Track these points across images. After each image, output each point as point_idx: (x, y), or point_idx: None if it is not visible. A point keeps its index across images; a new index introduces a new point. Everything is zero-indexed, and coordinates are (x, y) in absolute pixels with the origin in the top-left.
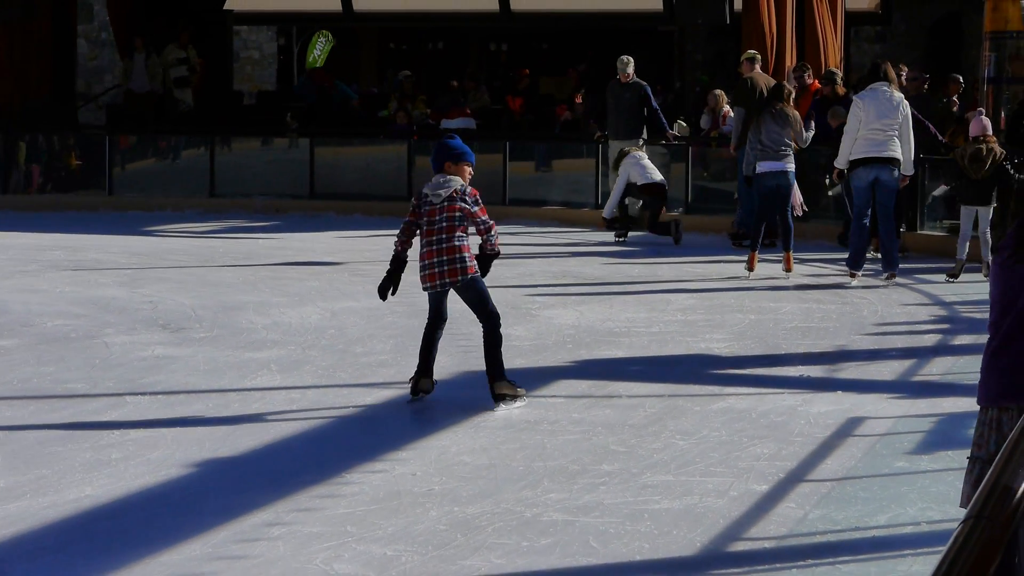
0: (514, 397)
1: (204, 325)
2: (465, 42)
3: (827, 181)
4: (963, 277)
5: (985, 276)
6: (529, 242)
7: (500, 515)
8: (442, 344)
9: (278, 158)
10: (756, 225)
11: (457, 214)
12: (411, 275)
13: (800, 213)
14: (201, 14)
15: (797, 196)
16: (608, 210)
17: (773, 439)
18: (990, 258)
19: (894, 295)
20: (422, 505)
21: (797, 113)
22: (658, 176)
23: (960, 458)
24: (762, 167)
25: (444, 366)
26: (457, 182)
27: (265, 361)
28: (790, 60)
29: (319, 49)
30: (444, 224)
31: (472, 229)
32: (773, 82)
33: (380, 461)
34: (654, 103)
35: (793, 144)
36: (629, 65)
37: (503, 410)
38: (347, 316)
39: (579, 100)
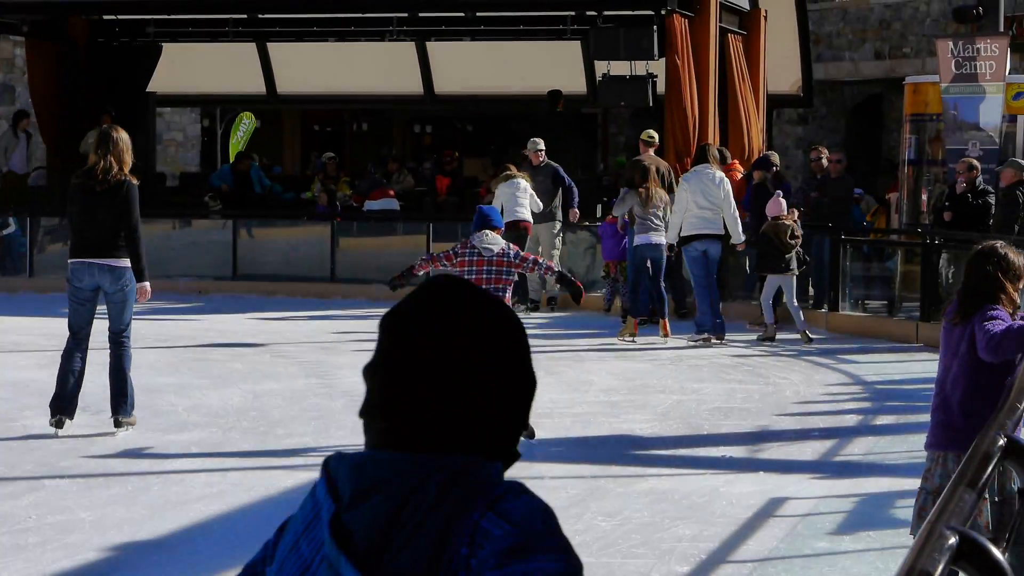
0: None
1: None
2: (389, 124)
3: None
4: (883, 357)
5: (802, 338)
6: None
7: None
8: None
9: (201, 239)
10: (632, 295)
11: (505, 268)
12: (330, 355)
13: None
14: (125, 96)
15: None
16: None
17: (695, 520)
18: (802, 323)
19: (816, 375)
20: None
21: (663, 192)
22: (524, 214)
23: (882, 538)
24: (637, 240)
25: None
26: (502, 241)
27: (186, 444)
28: (713, 142)
29: (242, 131)
30: (492, 276)
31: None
32: (663, 164)
33: None
34: (568, 180)
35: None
36: (540, 147)
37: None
38: (269, 398)
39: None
